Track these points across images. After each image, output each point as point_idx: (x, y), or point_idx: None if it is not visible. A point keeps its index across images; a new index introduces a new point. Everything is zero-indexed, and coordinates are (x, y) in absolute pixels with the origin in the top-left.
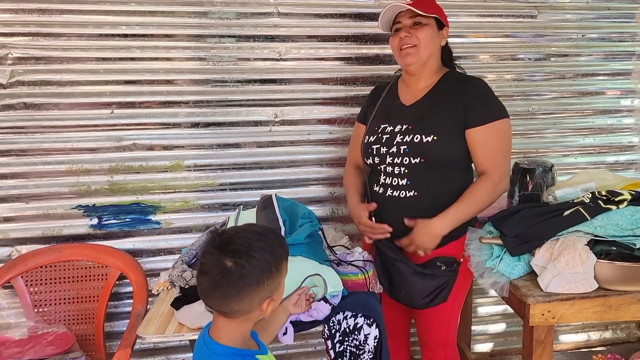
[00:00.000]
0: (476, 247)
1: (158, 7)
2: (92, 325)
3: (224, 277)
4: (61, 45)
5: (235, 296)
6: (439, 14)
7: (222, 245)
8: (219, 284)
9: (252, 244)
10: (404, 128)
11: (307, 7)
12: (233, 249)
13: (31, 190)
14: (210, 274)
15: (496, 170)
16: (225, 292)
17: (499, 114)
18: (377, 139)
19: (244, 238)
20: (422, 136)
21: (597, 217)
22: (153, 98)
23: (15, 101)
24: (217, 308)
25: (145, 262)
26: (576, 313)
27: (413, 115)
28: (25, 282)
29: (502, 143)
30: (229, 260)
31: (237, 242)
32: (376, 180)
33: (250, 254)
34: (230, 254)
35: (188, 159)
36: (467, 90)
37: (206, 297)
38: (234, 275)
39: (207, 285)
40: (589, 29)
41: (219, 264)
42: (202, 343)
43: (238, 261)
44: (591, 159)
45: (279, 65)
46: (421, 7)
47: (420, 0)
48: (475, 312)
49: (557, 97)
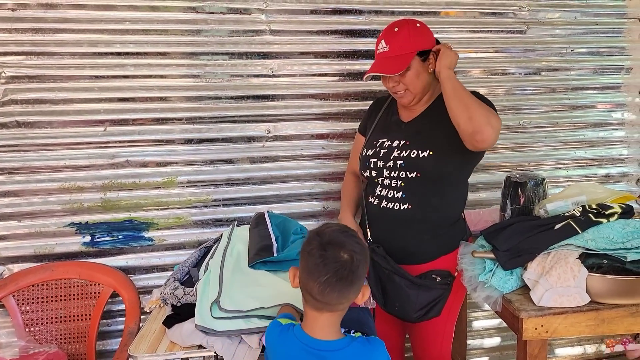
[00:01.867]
0: (469, 261)
1: (152, 26)
2: (84, 344)
3: (346, 269)
4: (55, 64)
5: (355, 284)
6: (419, 45)
7: (330, 242)
8: (344, 276)
9: (350, 237)
10: (402, 143)
11: (299, 24)
12: (340, 242)
13: (24, 209)
14: (329, 268)
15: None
16: (349, 282)
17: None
18: (374, 153)
19: (339, 233)
20: (418, 151)
21: (588, 230)
22: (147, 115)
23: (8, 120)
24: (336, 302)
25: (138, 279)
26: (569, 327)
27: (410, 131)
28: (17, 301)
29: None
30: (345, 252)
31: (339, 238)
32: (372, 192)
33: (356, 244)
34: (342, 248)
35: (181, 175)
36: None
37: (323, 295)
38: (354, 264)
39: (329, 281)
40: (578, 44)
41: (337, 257)
42: (311, 349)
43: (352, 253)
44: (583, 171)
45: (272, 81)
46: (397, 52)
47: (395, 44)
48: (470, 326)
49: (548, 111)
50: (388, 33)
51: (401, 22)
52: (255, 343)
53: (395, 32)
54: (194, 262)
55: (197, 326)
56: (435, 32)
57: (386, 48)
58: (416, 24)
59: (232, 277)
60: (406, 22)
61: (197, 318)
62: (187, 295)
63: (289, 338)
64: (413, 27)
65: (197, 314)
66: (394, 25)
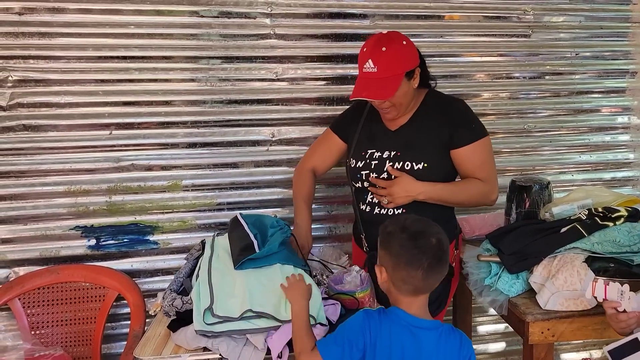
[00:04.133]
0: (474, 264)
1: (156, 30)
2: (90, 347)
3: (440, 249)
4: (61, 68)
5: (447, 262)
6: (407, 65)
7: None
8: (441, 257)
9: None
10: (392, 154)
11: (303, 28)
12: (424, 230)
13: (29, 212)
14: (428, 254)
15: (488, 181)
16: (445, 260)
17: (481, 133)
18: (365, 165)
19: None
20: (412, 164)
21: (594, 234)
22: (151, 119)
23: (15, 123)
24: (435, 282)
25: (143, 282)
26: (575, 331)
27: (399, 141)
28: (23, 304)
29: (488, 158)
30: (432, 237)
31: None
32: (362, 199)
33: (435, 227)
34: (429, 235)
35: (186, 179)
36: (450, 112)
37: (432, 276)
38: (444, 244)
39: (431, 265)
40: (583, 48)
41: (430, 243)
42: (413, 327)
43: (437, 235)
44: (588, 175)
45: (276, 85)
46: (385, 74)
47: (383, 65)
48: (475, 330)
49: (552, 115)
50: (375, 52)
51: (388, 39)
52: (260, 344)
53: (383, 52)
54: (188, 272)
55: (197, 332)
56: (439, 35)
57: (374, 69)
58: (402, 41)
59: (221, 282)
60: (392, 40)
61: (196, 324)
62: (186, 305)
63: (389, 319)
64: (400, 45)
65: (195, 321)
66: (381, 42)
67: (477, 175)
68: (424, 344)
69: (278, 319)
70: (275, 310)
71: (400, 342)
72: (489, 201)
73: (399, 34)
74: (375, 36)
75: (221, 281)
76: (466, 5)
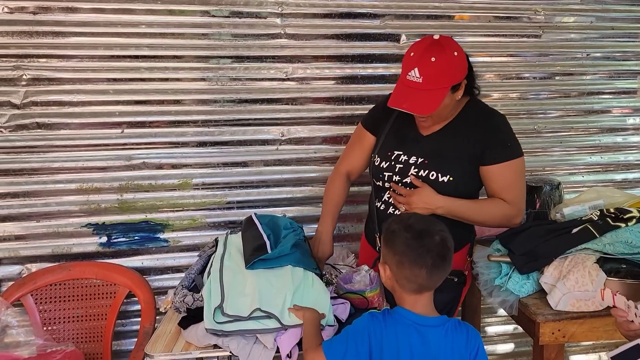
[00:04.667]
0: (484, 264)
1: (167, 29)
2: (100, 344)
3: (444, 247)
4: (73, 67)
5: (449, 261)
6: (455, 79)
7: (422, 231)
8: (445, 255)
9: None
10: (419, 161)
11: (313, 28)
12: (428, 229)
13: (42, 209)
14: (433, 253)
15: (514, 204)
16: (449, 258)
17: (515, 153)
18: (389, 167)
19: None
20: (438, 174)
21: (606, 234)
22: (162, 118)
23: (29, 121)
24: (439, 279)
25: (154, 280)
26: (587, 332)
27: (429, 148)
28: (35, 300)
29: (518, 179)
30: (436, 235)
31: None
32: (379, 197)
33: (439, 224)
34: (433, 233)
35: (196, 177)
36: (486, 128)
37: (436, 274)
38: (448, 242)
39: (435, 264)
40: (594, 48)
41: (434, 242)
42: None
43: (442, 234)
44: (598, 177)
45: (286, 85)
46: (430, 86)
47: (430, 77)
48: (483, 331)
49: (562, 116)
50: (423, 61)
51: (439, 48)
52: (270, 343)
53: (432, 62)
54: (200, 269)
55: (208, 330)
56: (450, 36)
57: (419, 79)
58: (454, 52)
59: (232, 281)
60: (444, 50)
61: (206, 322)
62: (197, 302)
63: (394, 320)
64: (451, 56)
65: (205, 319)
66: (431, 51)
67: (503, 195)
68: (432, 341)
69: (282, 323)
70: (280, 313)
71: (408, 342)
72: (511, 225)
73: (451, 42)
74: (425, 41)
75: (232, 279)
76: (476, 6)
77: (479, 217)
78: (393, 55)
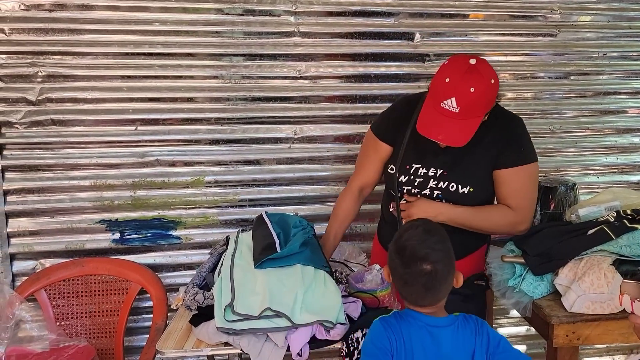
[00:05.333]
0: (498, 265)
1: (180, 27)
2: (112, 339)
3: (431, 279)
4: (87, 64)
5: (444, 286)
6: (488, 107)
7: (411, 257)
8: (431, 286)
9: (429, 246)
10: (439, 173)
11: (326, 26)
12: (420, 256)
13: (56, 205)
14: (417, 284)
15: (520, 210)
16: (437, 289)
17: (528, 158)
18: (409, 181)
19: (418, 245)
20: (458, 186)
21: (623, 236)
22: (175, 115)
23: (44, 118)
24: (434, 302)
25: (166, 276)
26: (602, 334)
27: (448, 160)
28: (49, 295)
29: (529, 185)
30: (427, 264)
31: (419, 251)
32: (391, 201)
33: (436, 253)
34: (423, 261)
35: (209, 175)
36: (503, 131)
37: (421, 300)
38: (438, 274)
39: (420, 293)
40: (610, 48)
41: (421, 271)
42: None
43: (433, 264)
44: (614, 178)
45: (298, 83)
46: (466, 116)
47: (467, 108)
48: None
49: (577, 116)
50: (461, 92)
51: (478, 76)
52: (281, 341)
53: (471, 93)
54: (211, 267)
55: (219, 328)
56: (464, 34)
57: (456, 109)
58: (491, 80)
59: (243, 279)
60: (482, 79)
61: (217, 321)
62: (208, 300)
63: (407, 322)
64: (488, 85)
65: (216, 317)
66: (469, 80)
67: (509, 201)
68: (443, 341)
69: (293, 322)
70: (291, 312)
71: (421, 343)
72: (516, 232)
73: (488, 68)
74: (461, 66)
75: (243, 278)
76: (491, 4)
77: (481, 224)
78: (406, 54)
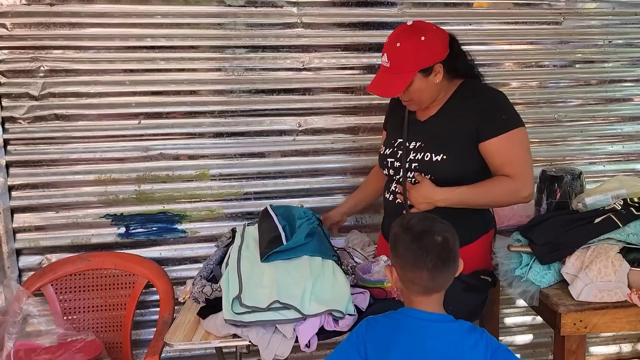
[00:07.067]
0: (504, 255)
1: (183, 20)
2: (120, 333)
3: (445, 249)
4: (89, 58)
5: (456, 260)
6: (421, 63)
7: (422, 232)
8: (446, 257)
9: (434, 221)
10: (417, 145)
11: (330, 17)
12: (429, 229)
13: (61, 200)
14: (433, 254)
15: (518, 177)
16: (452, 260)
17: (513, 124)
18: (392, 153)
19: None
20: (432, 154)
21: (630, 224)
22: (178, 108)
23: (47, 112)
24: (445, 281)
25: (172, 270)
26: (609, 323)
27: (426, 132)
28: (55, 290)
29: (520, 151)
30: (438, 236)
31: (426, 225)
32: (387, 188)
33: (442, 225)
34: (434, 233)
35: (213, 168)
36: (480, 103)
37: (439, 276)
38: (450, 243)
39: (436, 266)
40: (615, 35)
41: (435, 243)
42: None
43: (444, 234)
44: (620, 166)
45: (302, 74)
46: (397, 70)
47: (396, 61)
48: (502, 322)
49: (583, 104)
50: (390, 47)
51: (407, 33)
52: (289, 333)
53: (397, 47)
54: (218, 259)
55: (227, 320)
56: (468, 23)
57: (387, 64)
58: (421, 38)
59: (250, 272)
60: (411, 36)
61: (225, 313)
62: (216, 292)
63: (401, 320)
64: (417, 42)
65: (224, 309)
66: (398, 37)
67: (505, 170)
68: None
69: (302, 313)
70: (300, 303)
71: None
72: (520, 199)
73: (422, 27)
74: (398, 28)
75: (250, 271)
76: None
77: (483, 199)
78: None
